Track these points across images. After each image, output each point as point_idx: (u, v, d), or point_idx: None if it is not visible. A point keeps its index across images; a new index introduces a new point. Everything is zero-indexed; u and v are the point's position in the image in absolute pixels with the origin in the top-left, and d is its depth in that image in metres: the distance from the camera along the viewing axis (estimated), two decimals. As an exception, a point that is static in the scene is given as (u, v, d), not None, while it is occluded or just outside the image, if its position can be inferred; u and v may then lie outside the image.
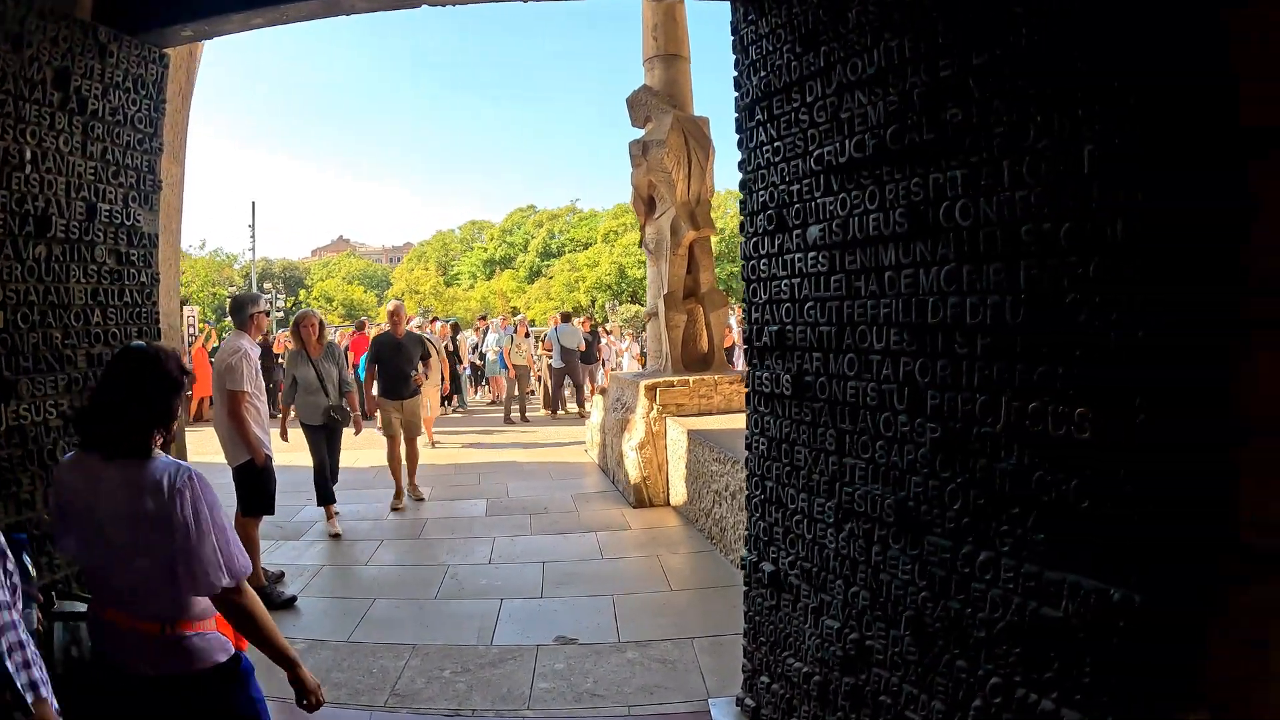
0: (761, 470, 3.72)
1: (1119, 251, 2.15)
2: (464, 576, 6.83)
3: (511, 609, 6.06)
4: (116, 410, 2.57)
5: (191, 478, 2.54)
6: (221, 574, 2.53)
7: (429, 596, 6.38)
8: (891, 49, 2.80)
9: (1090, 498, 2.24)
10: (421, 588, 6.57)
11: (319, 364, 8.26)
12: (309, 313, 8.70)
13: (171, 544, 2.46)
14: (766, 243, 3.59)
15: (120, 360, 2.67)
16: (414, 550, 7.69)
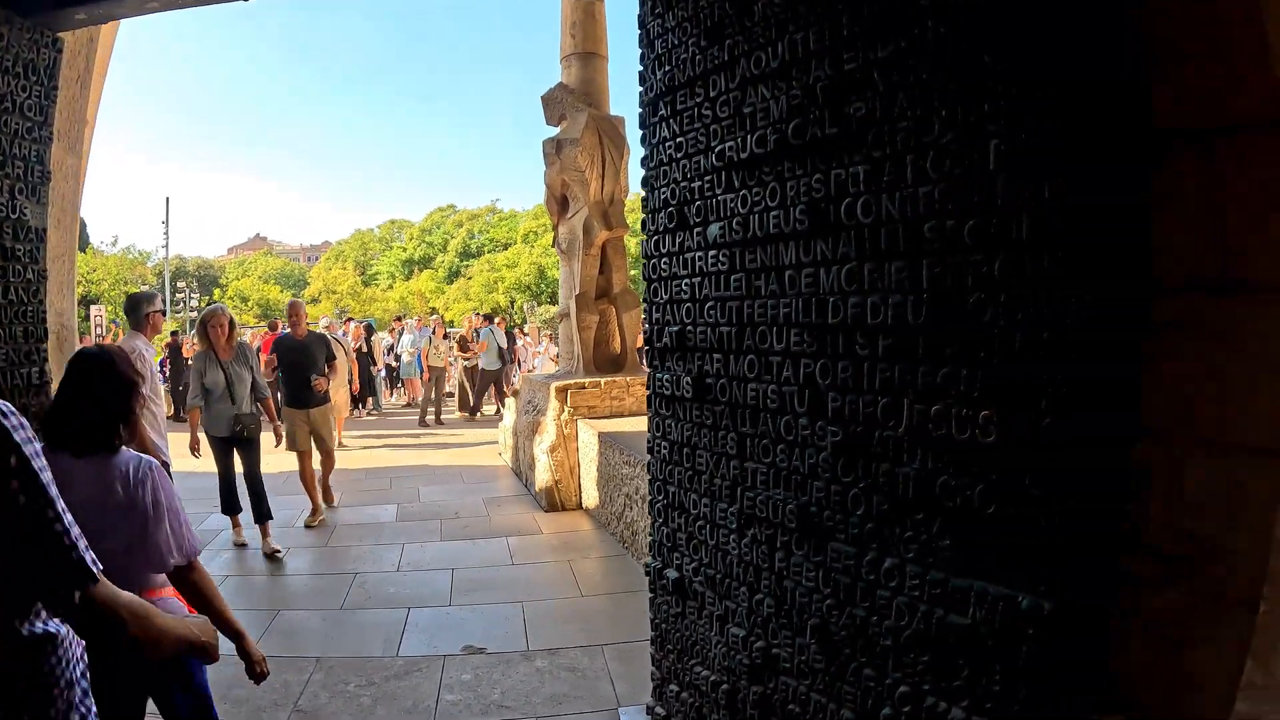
0: (664, 475, 3.58)
1: (1024, 249, 2.05)
2: (372, 585, 6.58)
3: (419, 618, 5.83)
4: (78, 411, 2.84)
5: (151, 468, 2.89)
6: (174, 554, 2.86)
7: (335, 606, 6.12)
8: (795, 42, 2.67)
9: (996, 502, 2.14)
10: (328, 597, 6.30)
11: (229, 367, 7.48)
12: (217, 309, 7.80)
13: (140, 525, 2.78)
14: (667, 241, 3.45)
15: (74, 365, 2.90)
16: (321, 558, 7.39)
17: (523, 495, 9.79)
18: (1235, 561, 1.83)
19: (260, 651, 2.96)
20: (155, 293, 7.97)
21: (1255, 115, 1.76)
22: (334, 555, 7.49)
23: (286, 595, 6.40)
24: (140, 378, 3.00)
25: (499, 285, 52.34)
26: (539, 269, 51.28)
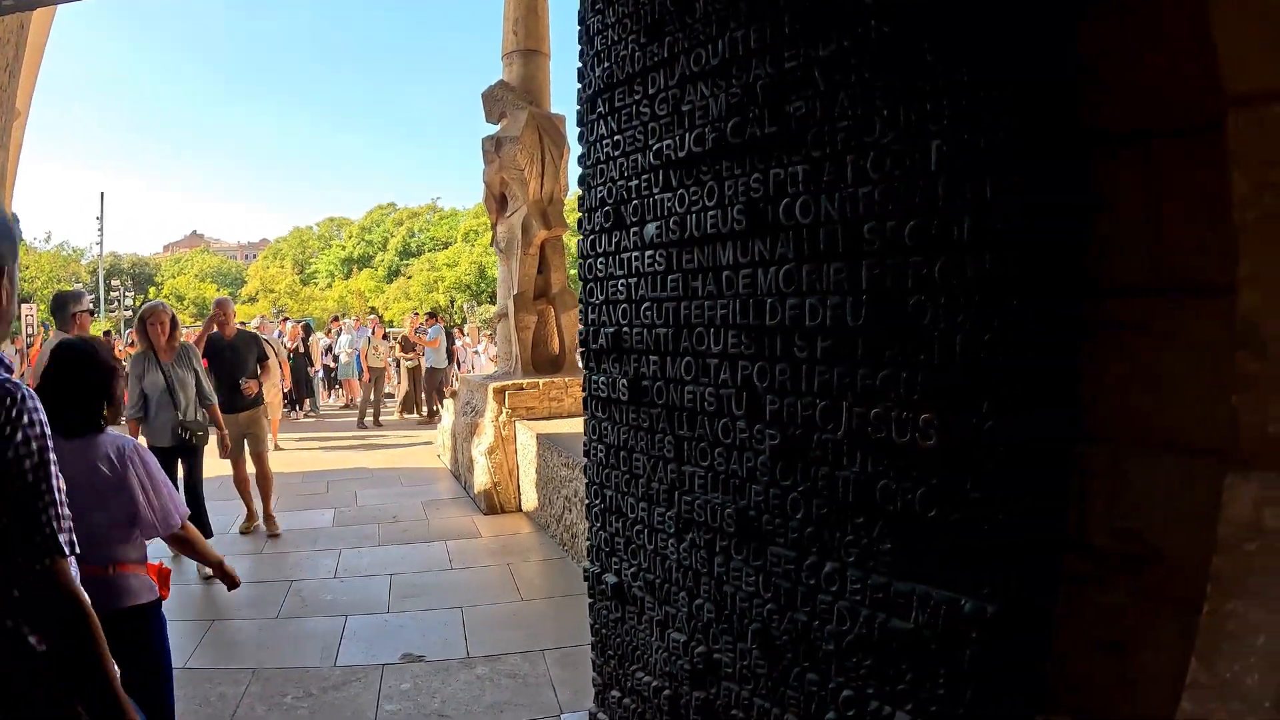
0: (600, 478, 3.49)
1: (966, 250, 2.00)
2: (308, 593, 6.37)
3: (357, 626, 5.66)
4: (67, 397, 3.04)
5: (136, 448, 3.23)
6: (176, 516, 3.31)
7: (271, 615, 5.91)
8: (736, 39, 2.59)
9: (938, 505, 2.09)
10: (263, 606, 6.08)
11: (170, 369, 6.77)
12: (157, 306, 7.07)
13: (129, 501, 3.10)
14: (603, 240, 3.35)
15: (61, 355, 3.12)
16: (257, 565, 7.12)
17: (461, 498, 9.60)
18: (1177, 561, 1.82)
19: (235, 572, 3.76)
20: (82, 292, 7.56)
21: (1196, 117, 1.74)
22: (270, 562, 7.24)
23: (222, 605, 6.13)
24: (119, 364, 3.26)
25: (439, 284, 51.80)
26: (479, 268, 50.86)
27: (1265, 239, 1.59)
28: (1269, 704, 1.54)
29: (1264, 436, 1.60)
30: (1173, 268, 1.83)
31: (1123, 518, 1.92)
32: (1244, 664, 1.57)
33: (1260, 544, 1.58)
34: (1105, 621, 1.95)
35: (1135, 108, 1.86)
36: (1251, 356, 1.62)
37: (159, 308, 7.08)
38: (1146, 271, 1.86)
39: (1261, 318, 1.60)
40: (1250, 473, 1.61)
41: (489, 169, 10.13)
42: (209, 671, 4.94)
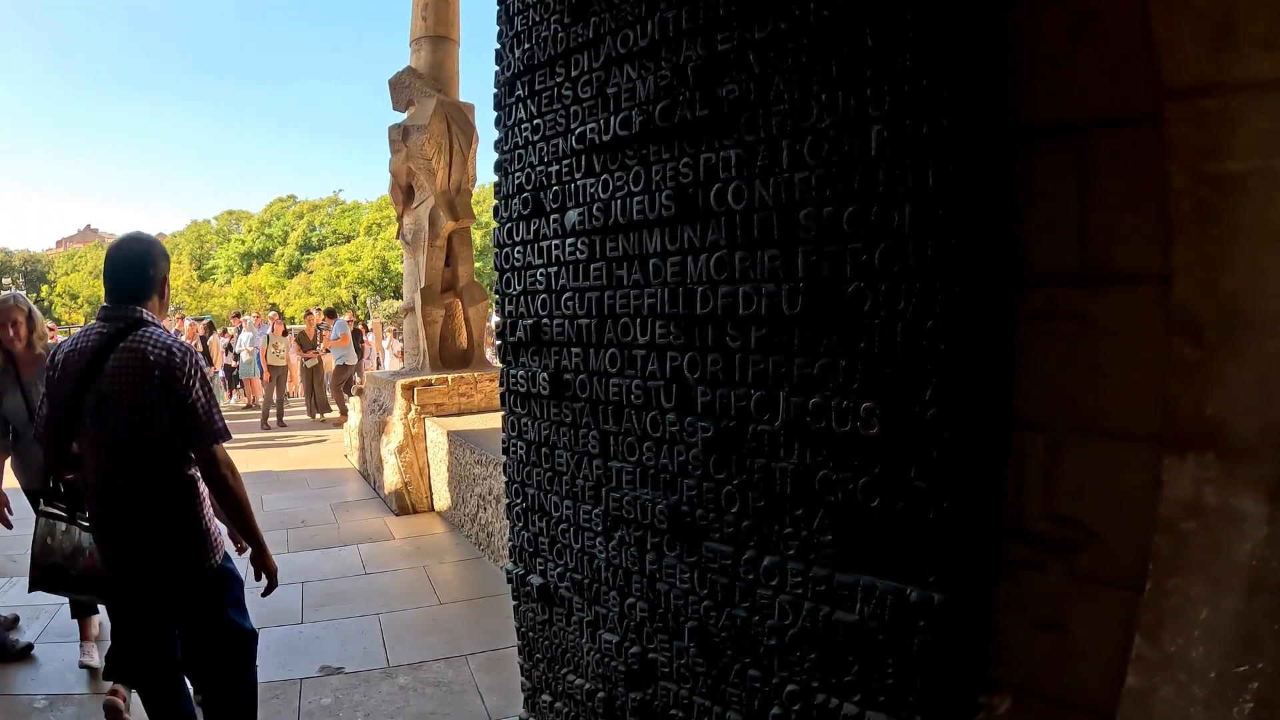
0: (521, 476, 3.36)
1: (907, 237, 1.96)
2: None
3: (271, 639, 5.28)
4: None
5: None
6: None
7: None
8: (667, 20, 2.51)
9: (881, 495, 2.06)
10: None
11: (35, 387, 4.90)
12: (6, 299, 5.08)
13: None
14: (521, 228, 3.22)
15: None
16: None
17: (372, 499, 9.35)
18: (1112, 543, 1.86)
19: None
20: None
21: (1132, 109, 1.76)
22: None
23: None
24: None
25: (341, 280, 50.79)
26: (382, 262, 49.96)
27: (1200, 228, 1.62)
28: (1214, 675, 1.59)
29: (1200, 419, 1.64)
30: (1106, 257, 1.85)
31: (1058, 502, 1.95)
32: (1188, 638, 1.64)
33: (1199, 522, 1.63)
34: (1044, 603, 1.97)
35: (1069, 99, 1.87)
36: (1187, 342, 1.66)
37: (12, 301, 5.13)
38: (1080, 260, 1.88)
39: (1197, 305, 1.64)
40: (1187, 454, 1.66)
41: (395, 158, 9.85)
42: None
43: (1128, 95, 1.77)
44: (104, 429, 3.26)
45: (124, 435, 3.24)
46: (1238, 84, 1.56)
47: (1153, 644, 1.71)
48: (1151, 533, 1.72)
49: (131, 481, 3.29)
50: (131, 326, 3.36)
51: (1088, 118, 1.85)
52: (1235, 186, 1.57)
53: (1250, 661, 1.56)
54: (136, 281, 3.53)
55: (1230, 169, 1.58)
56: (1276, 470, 1.55)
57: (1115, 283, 1.84)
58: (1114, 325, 1.85)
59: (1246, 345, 1.58)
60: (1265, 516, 1.55)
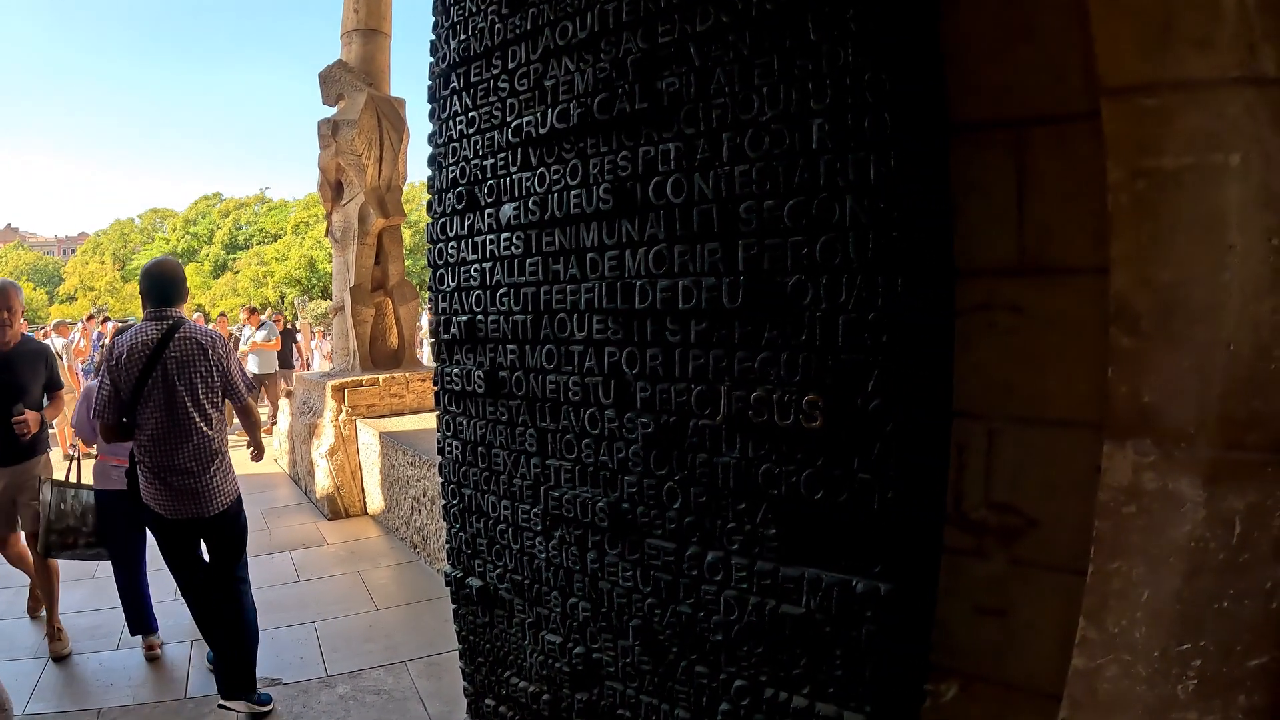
0: (458, 477, 3.27)
1: (847, 231, 1.95)
2: None
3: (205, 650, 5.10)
4: None
5: None
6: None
7: (111, 647, 5.37)
8: (607, 12, 2.45)
9: (824, 488, 2.04)
10: (102, 638, 5.51)
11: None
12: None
13: None
14: (455, 223, 3.13)
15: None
16: (89, 593, 6.39)
17: (303, 504, 9.09)
18: (1052, 528, 1.90)
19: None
20: None
21: (1070, 106, 1.79)
22: (103, 589, 6.31)
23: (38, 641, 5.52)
24: None
25: (268, 279, 49.77)
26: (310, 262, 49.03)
27: (1136, 222, 1.65)
28: (1157, 654, 1.63)
29: (1138, 406, 1.67)
30: (1044, 250, 1.88)
31: (999, 490, 1.98)
32: (1131, 619, 1.67)
33: (1139, 506, 1.66)
34: (987, 590, 2.01)
35: (1008, 95, 1.89)
36: (1123, 332, 1.69)
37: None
38: (1018, 253, 1.91)
39: (1133, 295, 1.67)
40: (1126, 440, 1.69)
41: (324, 154, 9.55)
42: (50, 716, 4.44)
43: (1065, 92, 1.79)
44: (172, 395, 4.39)
45: (187, 396, 4.42)
46: (1173, 83, 1.58)
47: (1096, 626, 1.73)
48: (1092, 517, 1.75)
49: (191, 426, 4.44)
50: (179, 323, 4.50)
51: (1026, 114, 1.87)
52: (1170, 182, 1.60)
53: (1192, 640, 1.59)
54: (176, 291, 4.61)
55: (1165, 165, 1.60)
56: (1213, 454, 1.58)
57: (1053, 275, 1.87)
58: (1052, 316, 1.88)
59: (1182, 334, 1.61)
60: (1203, 499, 1.58)
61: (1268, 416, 1.55)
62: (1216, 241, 1.56)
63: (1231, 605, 1.57)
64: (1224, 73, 1.53)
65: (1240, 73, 1.52)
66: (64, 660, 5.28)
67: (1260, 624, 1.55)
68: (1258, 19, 1.49)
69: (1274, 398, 1.54)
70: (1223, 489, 1.58)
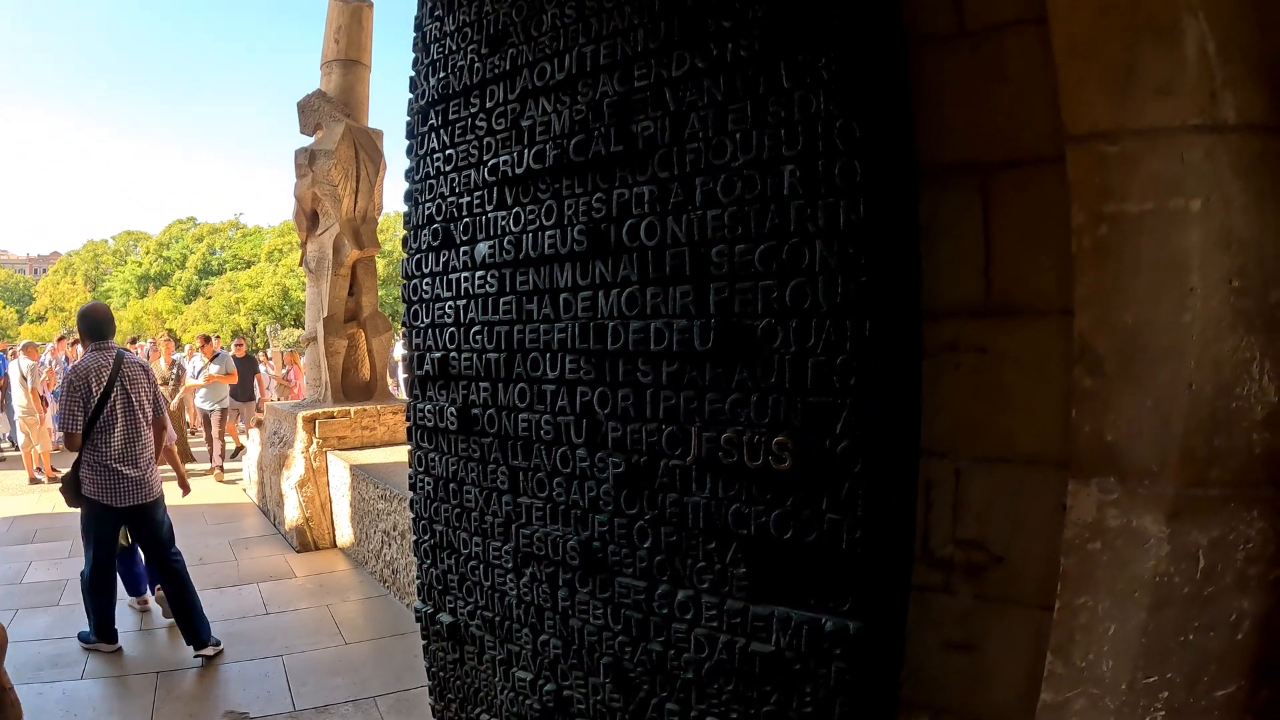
0: (429, 513, 3.22)
1: (816, 275, 1.97)
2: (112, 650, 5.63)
3: (170, 683, 5.06)
4: None
5: None
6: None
7: (74, 677, 5.19)
8: (585, 54, 2.47)
9: (793, 527, 2.04)
10: (64, 667, 5.33)
11: None
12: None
13: None
14: (430, 260, 3.11)
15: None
16: (51, 621, 6.22)
17: (272, 535, 8.91)
18: (1018, 564, 1.92)
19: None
20: None
21: (1036, 151, 1.82)
22: (66, 617, 6.29)
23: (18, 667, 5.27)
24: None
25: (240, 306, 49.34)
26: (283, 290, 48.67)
27: (1099, 265, 1.68)
28: (1125, 686, 1.64)
29: (1101, 445, 1.69)
30: (1009, 291, 1.90)
31: (966, 527, 2.00)
32: (1098, 652, 1.68)
33: (1103, 542, 1.68)
34: (955, 625, 2.02)
35: (975, 140, 1.92)
36: (1087, 372, 1.71)
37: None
38: (984, 295, 1.93)
39: (1096, 336, 1.69)
40: (1090, 479, 1.71)
41: (301, 183, 9.46)
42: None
43: (1032, 136, 1.83)
44: (129, 407, 5.61)
45: (139, 409, 5.67)
46: (1135, 130, 1.61)
47: (1064, 660, 1.73)
48: (1058, 554, 1.76)
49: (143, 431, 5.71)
50: (121, 353, 5.72)
51: (994, 157, 1.90)
52: (1133, 226, 1.62)
53: (1159, 672, 1.60)
54: (111, 328, 5.87)
55: (1128, 209, 1.63)
56: (1175, 491, 1.60)
57: (1018, 316, 1.89)
58: (1017, 356, 1.89)
59: (1143, 374, 1.63)
60: (1166, 535, 1.60)
61: (1229, 453, 1.57)
62: (1178, 284, 1.59)
63: (1197, 637, 1.58)
64: (1185, 120, 1.57)
65: (1201, 120, 1.55)
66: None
67: (1226, 655, 1.56)
68: (1219, 67, 1.53)
69: (1235, 435, 1.57)
70: (1186, 524, 1.59)
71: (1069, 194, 1.72)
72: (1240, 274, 1.55)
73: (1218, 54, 1.53)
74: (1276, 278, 1.55)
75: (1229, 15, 1.53)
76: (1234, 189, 1.55)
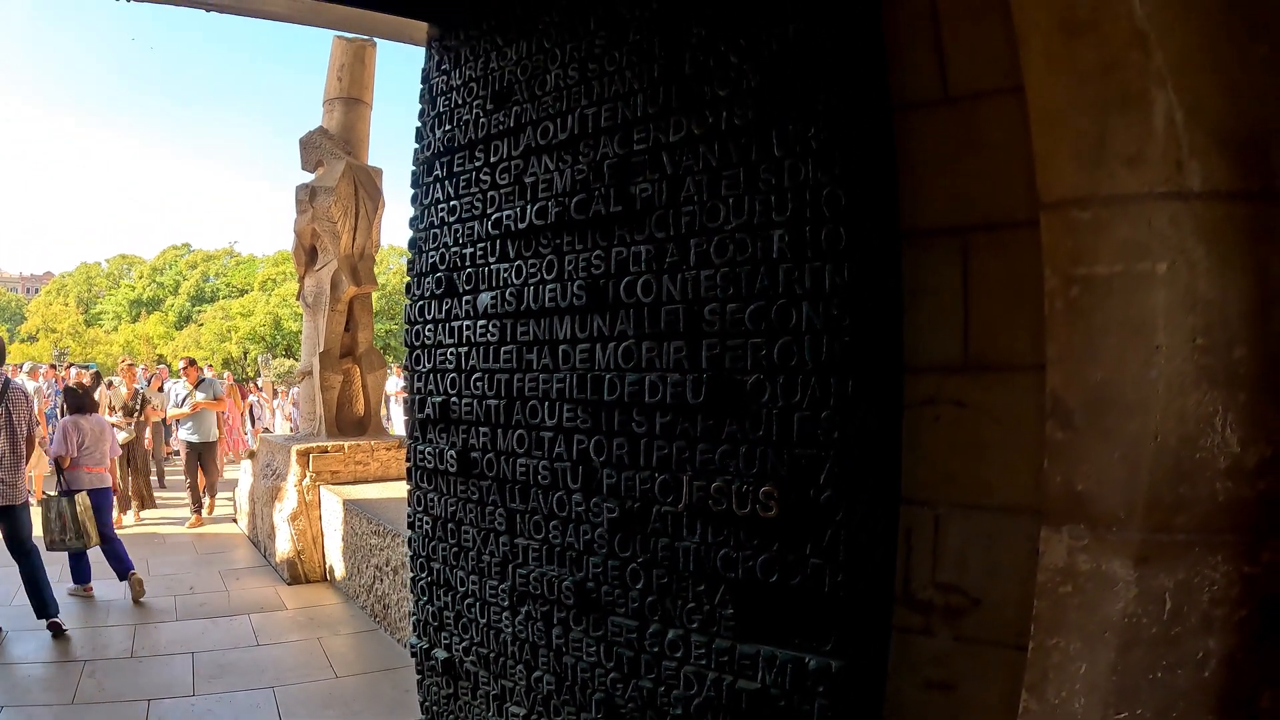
0: (427, 551, 3.27)
1: (803, 334, 2.05)
2: (103, 674, 5.49)
3: (162, 711, 4.94)
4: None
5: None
6: None
7: (65, 701, 5.06)
8: (587, 116, 2.56)
9: (779, 571, 2.11)
10: (55, 691, 5.22)
11: None
12: None
13: None
14: (434, 307, 3.18)
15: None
16: (43, 645, 6.09)
17: (263, 567, 8.81)
18: (995, 607, 1.98)
19: None
20: None
21: (1012, 214, 1.91)
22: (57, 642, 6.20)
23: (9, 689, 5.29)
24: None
25: (232, 334, 48.99)
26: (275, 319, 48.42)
27: (1070, 324, 1.75)
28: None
29: (1071, 494, 1.76)
30: (986, 348, 1.98)
31: (944, 571, 2.06)
32: (1070, 690, 1.73)
33: (1074, 586, 1.74)
34: (934, 665, 2.07)
35: (955, 204, 2.01)
36: (1058, 426, 1.77)
37: None
38: (962, 351, 2.01)
39: (1066, 391, 1.76)
40: (1061, 526, 1.77)
41: (301, 219, 9.42)
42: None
43: (1009, 201, 1.92)
44: (12, 424, 6.32)
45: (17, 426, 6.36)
46: (1105, 197, 1.70)
47: (1037, 698, 1.78)
48: (1031, 597, 1.82)
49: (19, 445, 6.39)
50: (9, 379, 6.45)
51: (972, 221, 1.99)
52: (1102, 287, 1.70)
53: (1129, 709, 1.65)
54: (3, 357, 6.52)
55: (1098, 272, 1.71)
56: (1142, 536, 1.66)
57: (995, 371, 1.97)
58: (993, 410, 1.97)
59: (1112, 427, 1.70)
60: (1134, 579, 1.66)
61: (1194, 501, 1.63)
62: (1144, 342, 1.66)
63: (1165, 675, 1.63)
64: (1152, 187, 1.64)
65: (1167, 188, 1.63)
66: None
67: (1193, 692, 1.61)
68: (1185, 136, 1.60)
69: (1200, 484, 1.63)
70: (1153, 568, 1.65)
71: (1042, 257, 1.80)
72: (1204, 332, 1.62)
73: (1185, 123, 1.61)
74: (1239, 336, 1.61)
75: (1196, 84, 1.61)
76: (1198, 253, 1.62)
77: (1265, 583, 1.63)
